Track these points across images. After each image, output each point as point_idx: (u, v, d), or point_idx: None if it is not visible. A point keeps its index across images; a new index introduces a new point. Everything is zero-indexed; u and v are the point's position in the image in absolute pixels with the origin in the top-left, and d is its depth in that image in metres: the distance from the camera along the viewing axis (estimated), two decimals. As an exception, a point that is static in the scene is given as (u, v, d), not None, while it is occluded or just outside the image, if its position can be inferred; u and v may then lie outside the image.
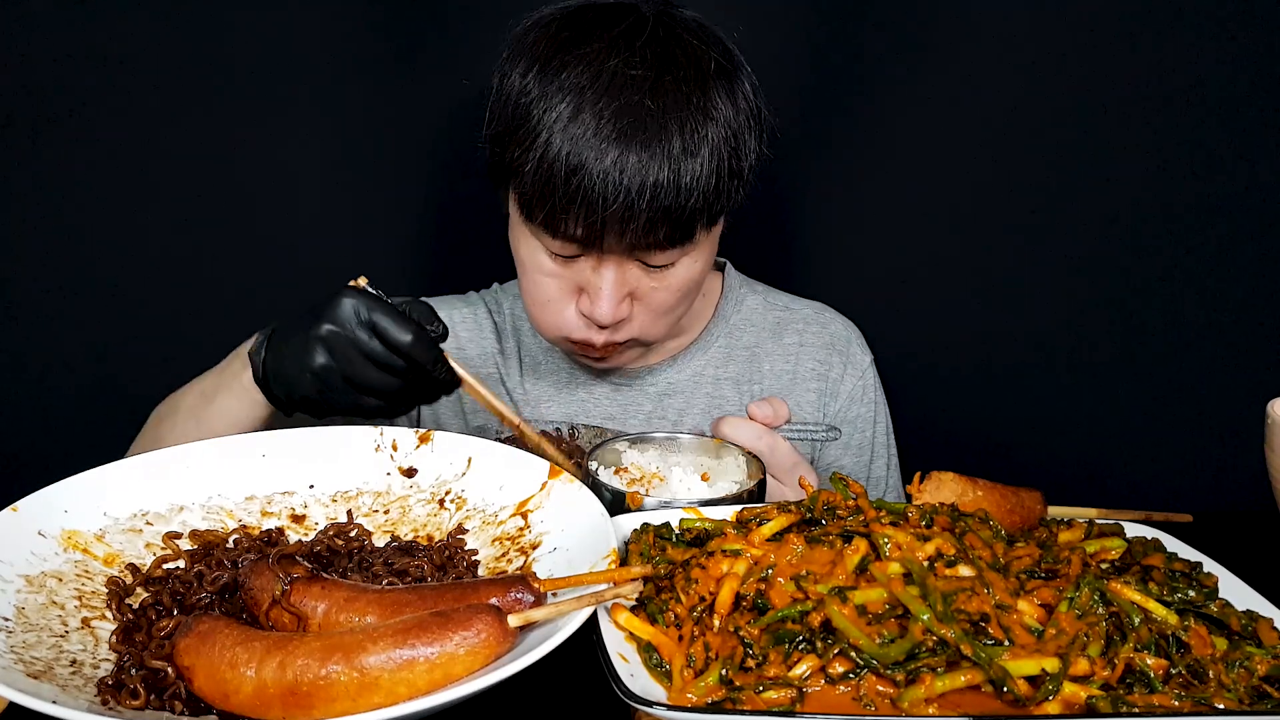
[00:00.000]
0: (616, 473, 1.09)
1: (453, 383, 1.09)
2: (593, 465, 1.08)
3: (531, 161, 1.18)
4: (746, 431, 1.16)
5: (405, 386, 1.07)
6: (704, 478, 1.09)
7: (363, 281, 1.09)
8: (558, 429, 1.30)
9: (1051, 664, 0.72)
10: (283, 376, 1.09)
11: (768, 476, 1.14)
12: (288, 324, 1.10)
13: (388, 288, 1.62)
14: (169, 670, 0.75)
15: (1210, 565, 0.92)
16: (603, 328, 1.27)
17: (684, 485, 1.08)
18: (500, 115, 1.24)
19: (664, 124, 1.17)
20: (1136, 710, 0.72)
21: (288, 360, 1.08)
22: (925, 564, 0.80)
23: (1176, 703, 0.73)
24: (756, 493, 1.04)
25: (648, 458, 1.12)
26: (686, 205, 1.18)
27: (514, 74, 1.23)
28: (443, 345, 1.08)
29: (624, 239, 1.19)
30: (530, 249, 1.27)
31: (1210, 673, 0.75)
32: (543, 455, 1.05)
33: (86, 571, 0.87)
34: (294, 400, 1.09)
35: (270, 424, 1.20)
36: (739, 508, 0.94)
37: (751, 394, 1.49)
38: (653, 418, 1.45)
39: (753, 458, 1.09)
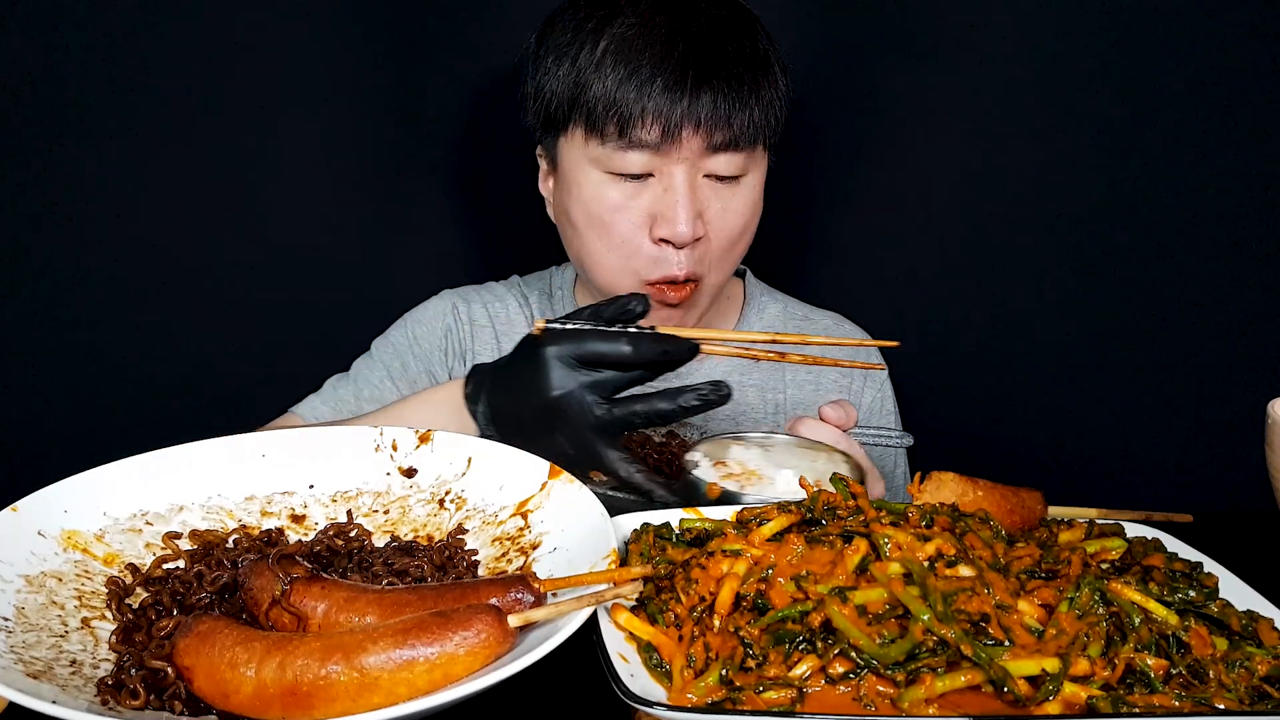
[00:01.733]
0: (715, 465, 1.07)
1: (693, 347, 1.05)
2: (695, 457, 1.06)
3: (598, 75, 1.23)
4: (826, 434, 1.15)
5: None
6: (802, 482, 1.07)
7: (542, 324, 1.04)
8: (663, 437, 1.31)
9: (1052, 664, 0.72)
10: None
11: None
12: (503, 416, 1.06)
13: (406, 280, 1.62)
14: (169, 670, 0.75)
15: (1210, 565, 0.92)
16: (680, 248, 1.27)
17: (791, 487, 1.03)
18: (553, 56, 1.28)
19: (723, 27, 1.26)
20: (1137, 710, 0.72)
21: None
22: (925, 564, 0.80)
23: (1177, 703, 0.73)
24: None
25: (751, 454, 1.09)
26: (752, 99, 1.24)
27: (558, 25, 1.30)
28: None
29: (698, 134, 1.23)
30: (595, 185, 1.29)
31: (1210, 673, 0.75)
32: None
33: (86, 571, 0.87)
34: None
35: None
36: (739, 508, 0.94)
37: (775, 402, 1.50)
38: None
39: (854, 463, 1.06)
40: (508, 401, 1.08)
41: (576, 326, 1.04)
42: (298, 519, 1.00)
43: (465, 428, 1.11)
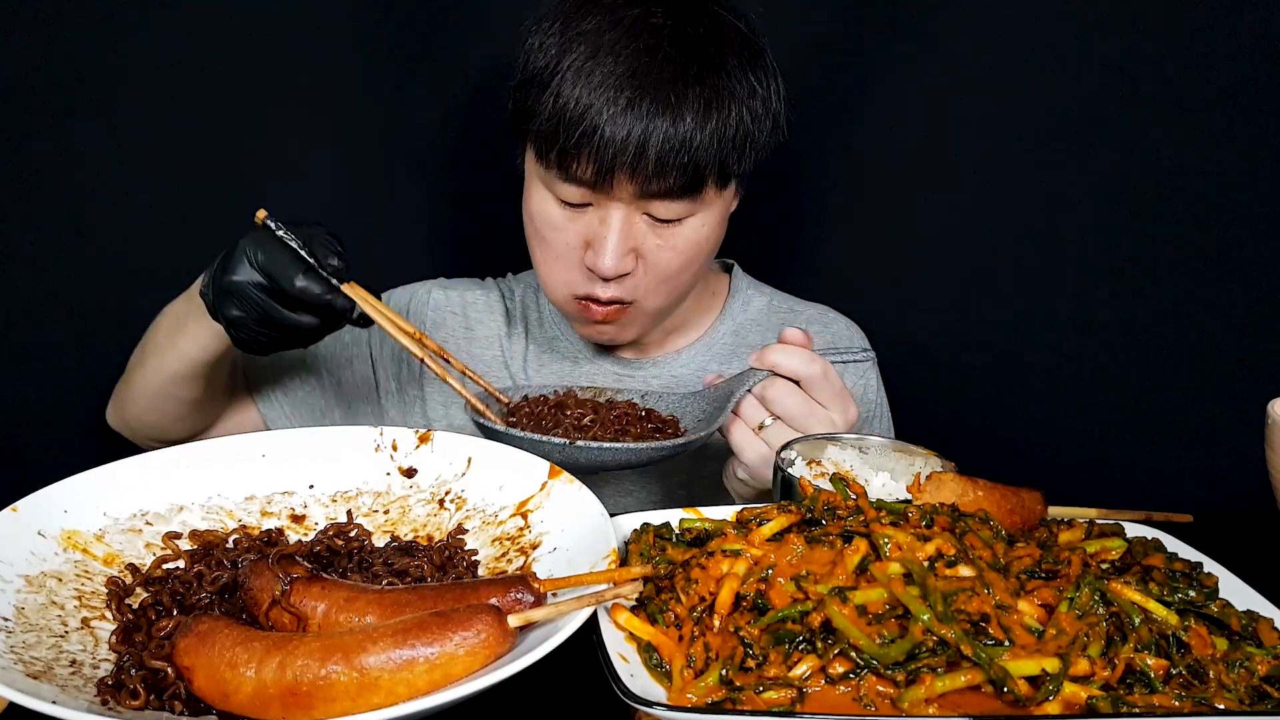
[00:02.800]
0: (810, 464, 1.06)
1: (364, 317, 1.12)
2: (789, 455, 1.05)
3: (547, 101, 1.20)
4: (797, 358, 1.14)
5: (322, 321, 1.12)
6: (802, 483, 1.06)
7: (261, 215, 1.12)
8: (542, 394, 1.29)
9: (1052, 664, 0.72)
10: (220, 320, 1.15)
11: (815, 403, 1.13)
12: (213, 268, 1.15)
13: (402, 278, 1.62)
14: (169, 670, 0.75)
15: (1210, 565, 0.92)
16: (606, 280, 1.26)
17: (887, 490, 1.02)
18: (524, 65, 1.27)
19: (681, 71, 1.19)
20: (1137, 710, 0.72)
21: (216, 308, 1.14)
22: (925, 564, 0.80)
23: (1177, 703, 0.73)
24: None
25: (847, 455, 1.08)
26: (697, 154, 1.19)
27: (540, 27, 1.26)
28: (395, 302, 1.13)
29: (633, 182, 1.19)
30: (541, 200, 1.28)
31: (1210, 673, 0.75)
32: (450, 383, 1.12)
33: (86, 571, 0.87)
34: (236, 338, 1.15)
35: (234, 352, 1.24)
36: (739, 508, 0.94)
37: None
38: None
39: (947, 461, 1.04)
40: (211, 278, 1.15)
41: (285, 236, 1.11)
42: (298, 519, 1.00)
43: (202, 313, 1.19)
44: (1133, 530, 0.98)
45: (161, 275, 1.68)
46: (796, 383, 1.15)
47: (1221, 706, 0.73)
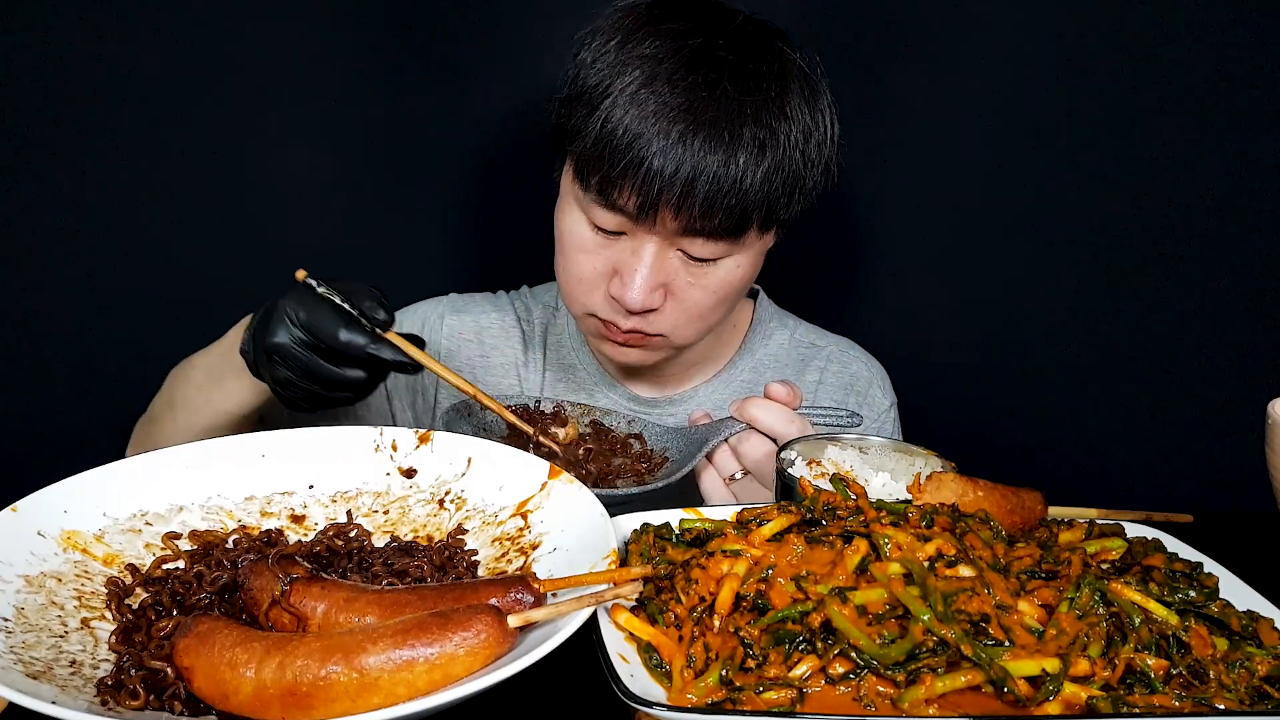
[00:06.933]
0: (810, 464, 1.05)
1: (412, 363, 1.10)
2: (790, 455, 1.05)
3: (594, 123, 1.16)
4: (775, 415, 1.13)
5: (369, 374, 1.09)
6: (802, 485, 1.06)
7: (301, 274, 1.10)
8: (537, 401, 1.26)
9: (1052, 664, 0.72)
10: (263, 379, 1.12)
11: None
12: (253, 327, 1.12)
13: (416, 286, 1.61)
14: (168, 671, 0.75)
15: (1211, 565, 0.92)
16: (630, 313, 1.23)
17: (887, 490, 1.02)
18: (573, 79, 1.22)
19: (739, 109, 1.14)
20: (1137, 710, 0.72)
21: (259, 367, 1.11)
22: (926, 564, 0.80)
23: (1177, 703, 0.73)
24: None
25: (847, 455, 1.07)
26: (746, 196, 1.15)
27: (595, 43, 1.22)
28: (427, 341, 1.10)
29: (677, 218, 1.15)
30: (573, 222, 1.25)
31: (1211, 673, 0.75)
32: (505, 419, 1.14)
33: (86, 572, 0.87)
34: (284, 396, 1.12)
35: (270, 405, 1.22)
36: (739, 507, 0.94)
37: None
38: None
39: (947, 461, 1.04)
40: (252, 337, 1.12)
41: (327, 295, 1.07)
42: (297, 519, 1.00)
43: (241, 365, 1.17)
44: (1133, 530, 0.98)
45: (166, 282, 1.69)
46: (774, 439, 1.14)
47: (1222, 706, 0.73)
